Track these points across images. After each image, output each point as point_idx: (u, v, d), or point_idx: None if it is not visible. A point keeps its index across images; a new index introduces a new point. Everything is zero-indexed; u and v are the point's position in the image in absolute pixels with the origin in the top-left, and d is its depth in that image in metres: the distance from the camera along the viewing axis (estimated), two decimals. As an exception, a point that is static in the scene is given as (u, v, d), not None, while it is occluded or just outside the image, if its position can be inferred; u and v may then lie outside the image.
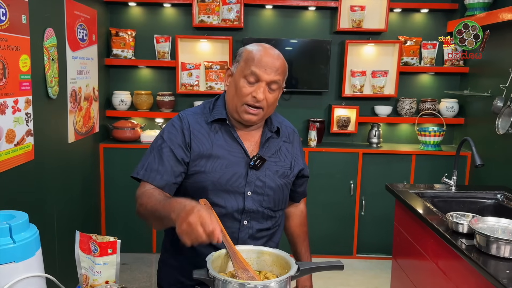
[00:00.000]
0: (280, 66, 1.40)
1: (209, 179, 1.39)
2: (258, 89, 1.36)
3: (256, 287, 1.06)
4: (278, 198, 1.48)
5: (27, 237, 1.12)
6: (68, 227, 2.94)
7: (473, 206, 2.41)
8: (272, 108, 1.44)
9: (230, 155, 1.42)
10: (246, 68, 1.38)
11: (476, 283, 1.68)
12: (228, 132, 1.45)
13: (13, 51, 2.25)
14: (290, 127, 1.60)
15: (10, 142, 2.25)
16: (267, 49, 1.41)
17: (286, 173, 1.50)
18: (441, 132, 3.75)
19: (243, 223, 1.43)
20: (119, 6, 3.84)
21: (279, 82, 1.40)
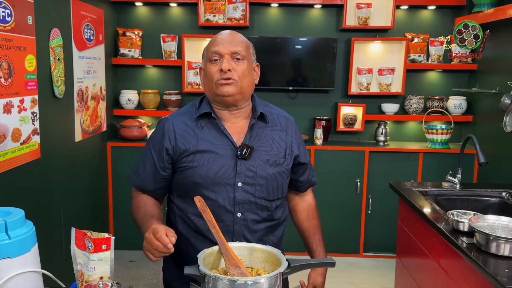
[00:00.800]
0: (237, 39, 1.45)
1: (197, 173, 1.42)
2: (222, 62, 1.40)
3: (246, 283, 1.06)
4: (271, 187, 1.48)
5: (23, 233, 1.14)
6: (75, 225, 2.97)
7: (477, 204, 2.39)
8: (247, 81, 1.45)
9: (217, 148, 1.44)
10: (208, 53, 1.45)
11: (476, 282, 1.67)
12: (215, 126, 1.47)
13: (19, 51, 2.29)
14: (283, 115, 1.59)
15: (16, 141, 2.29)
16: (223, 32, 1.48)
17: (279, 161, 1.49)
18: (449, 130, 3.71)
19: (236, 215, 1.44)
20: (126, 6, 3.88)
21: (241, 52, 1.43)
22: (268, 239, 1.52)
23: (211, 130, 1.47)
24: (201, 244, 1.42)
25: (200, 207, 1.30)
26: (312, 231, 1.66)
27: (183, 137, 1.45)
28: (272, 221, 1.52)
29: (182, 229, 1.51)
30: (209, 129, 1.47)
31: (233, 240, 1.44)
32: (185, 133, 1.46)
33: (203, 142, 1.45)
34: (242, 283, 1.06)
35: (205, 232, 1.44)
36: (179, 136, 1.46)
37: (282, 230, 1.59)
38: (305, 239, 1.68)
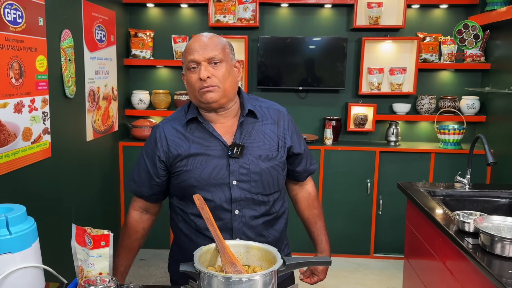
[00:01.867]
0: (210, 43, 1.42)
1: (192, 176, 1.45)
2: (200, 71, 1.40)
3: (240, 281, 1.07)
4: (267, 182, 1.48)
5: (24, 229, 1.17)
6: (86, 223, 3.02)
7: (486, 205, 2.35)
8: (229, 82, 1.44)
9: (208, 150, 1.46)
10: (186, 61, 1.45)
11: (481, 284, 1.64)
12: (204, 129, 1.48)
13: (30, 52, 2.34)
14: (274, 108, 1.58)
15: (26, 140, 2.34)
16: (196, 36, 1.47)
17: (272, 155, 1.50)
18: (461, 130, 3.66)
19: (234, 212, 1.46)
20: (137, 7, 3.93)
21: (217, 56, 1.41)
22: (269, 233, 1.53)
23: (201, 133, 1.48)
24: (203, 241, 1.43)
25: (199, 205, 1.32)
26: (313, 220, 1.67)
27: (174, 143, 1.48)
28: (270, 215, 1.53)
29: (184, 228, 1.54)
30: (199, 132, 1.48)
31: (233, 237, 1.46)
32: (176, 138, 1.48)
33: (195, 145, 1.47)
34: (236, 280, 1.07)
35: (205, 230, 1.46)
36: (171, 142, 1.48)
37: (283, 223, 1.60)
38: (307, 229, 1.69)
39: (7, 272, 1.12)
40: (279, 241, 1.59)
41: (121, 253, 1.57)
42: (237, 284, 1.07)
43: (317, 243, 1.65)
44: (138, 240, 1.60)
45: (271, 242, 1.49)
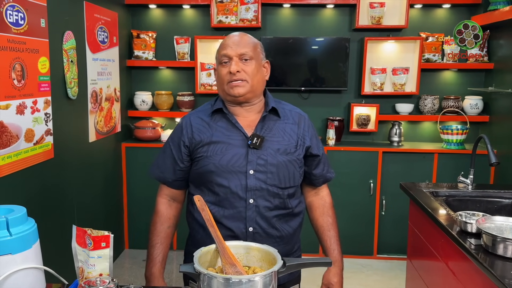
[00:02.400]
0: (243, 41, 1.54)
1: (211, 162, 1.52)
2: (231, 65, 1.50)
3: (240, 282, 1.07)
4: (283, 175, 1.53)
5: (24, 230, 1.17)
6: (89, 224, 3.02)
7: (490, 206, 2.34)
8: (257, 79, 1.54)
9: (229, 139, 1.54)
10: (219, 56, 1.55)
11: (483, 284, 1.63)
12: (228, 120, 1.57)
13: (32, 53, 2.34)
14: (296, 111, 1.66)
15: (29, 141, 2.35)
16: (231, 34, 1.58)
17: (289, 150, 1.56)
18: (465, 130, 3.65)
19: (249, 201, 1.51)
20: (140, 8, 3.93)
21: (248, 53, 1.51)
22: (283, 228, 1.56)
23: (224, 123, 1.57)
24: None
25: (199, 206, 1.33)
26: (326, 228, 1.68)
27: (198, 130, 1.57)
28: (285, 210, 1.56)
29: (200, 219, 1.57)
30: (223, 122, 1.57)
31: (247, 226, 1.51)
32: (200, 126, 1.57)
33: (217, 133, 1.55)
34: (236, 281, 1.07)
35: (220, 218, 1.52)
36: (195, 129, 1.57)
37: (298, 222, 1.63)
38: (319, 236, 1.69)
39: (7, 273, 1.12)
40: (292, 240, 1.61)
41: (157, 242, 1.60)
42: (237, 285, 1.07)
43: (330, 252, 1.66)
44: (171, 227, 1.64)
45: (284, 237, 1.55)
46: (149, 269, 1.58)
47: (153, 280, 1.56)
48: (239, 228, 1.51)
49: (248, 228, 1.51)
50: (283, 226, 1.57)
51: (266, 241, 1.49)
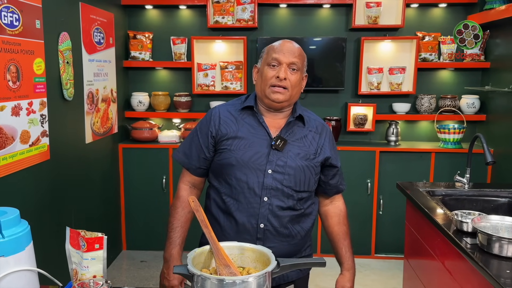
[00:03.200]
0: (297, 51, 1.58)
1: (233, 156, 1.57)
2: (280, 70, 1.54)
3: (234, 283, 1.07)
4: (299, 178, 1.58)
5: (17, 233, 1.17)
6: (87, 226, 3.03)
7: (486, 205, 2.34)
8: (296, 90, 1.59)
9: (254, 137, 1.59)
10: (268, 57, 1.59)
11: (479, 283, 1.63)
12: (255, 118, 1.62)
13: (27, 55, 2.34)
14: (320, 121, 1.70)
15: (25, 143, 2.34)
16: (286, 40, 1.63)
17: (309, 156, 1.60)
18: (462, 129, 3.65)
19: (263, 199, 1.55)
20: (136, 9, 3.93)
21: (297, 64, 1.56)
22: (294, 228, 1.60)
23: (251, 121, 1.62)
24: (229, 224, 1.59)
25: (193, 207, 1.33)
26: (342, 236, 1.71)
27: (226, 123, 1.62)
28: (297, 211, 1.60)
29: (215, 212, 1.64)
30: (250, 120, 1.62)
31: (258, 222, 1.54)
32: (228, 119, 1.63)
33: (243, 129, 1.60)
34: (230, 283, 1.06)
35: (233, 211, 1.57)
36: (223, 122, 1.62)
37: (310, 223, 1.66)
38: (334, 244, 1.73)
39: (2, 275, 1.11)
40: (303, 240, 1.65)
41: (176, 227, 1.64)
42: (231, 286, 1.06)
43: (344, 260, 1.69)
44: (191, 212, 1.65)
45: (294, 237, 1.59)
46: (169, 251, 1.62)
47: (172, 261, 1.61)
48: (250, 223, 1.55)
49: (260, 225, 1.55)
50: (294, 226, 1.61)
51: (275, 238, 1.56)
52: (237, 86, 3.87)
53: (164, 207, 3.77)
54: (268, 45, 1.65)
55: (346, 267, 1.69)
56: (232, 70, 3.86)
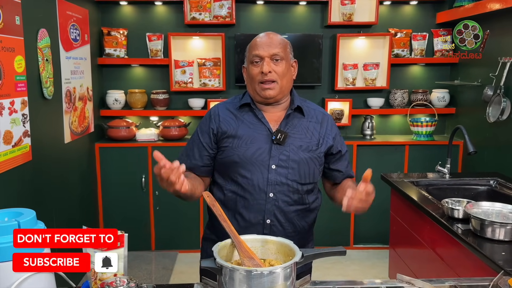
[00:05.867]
0: (275, 41, 1.57)
1: (235, 153, 1.57)
2: (263, 65, 1.54)
3: (262, 274, 1.09)
4: (304, 171, 1.57)
5: (36, 233, 1.14)
6: (67, 225, 2.94)
7: (467, 193, 2.46)
8: (286, 79, 1.59)
9: (254, 133, 1.58)
10: (250, 55, 1.59)
11: (473, 266, 1.73)
12: (254, 114, 1.62)
13: (8, 52, 2.25)
14: (320, 110, 1.70)
15: (7, 143, 2.26)
16: (263, 34, 1.61)
17: (311, 147, 1.59)
18: (433, 122, 3.81)
19: (269, 195, 1.55)
20: (110, 5, 3.84)
21: (279, 54, 1.55)
22: (299, 223, 1.61)
23: (250, 117, 1.62)
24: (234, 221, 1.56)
25: (209, 202, 1.34)
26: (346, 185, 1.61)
27: (226, 120, 1.62)
28: (303, 205, 1.61)
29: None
30: (249, 116, 1.62)
31: (265, 218, 1.55)
32: (227, 117, 1.63)
33: (243, 126, 1.60)
34: (258, 274, 1.08)
35: (239, 208, 1.57)
36: (223, 119, 1.62)
37: (313, 217, 1.68)
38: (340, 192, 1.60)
39: (23, 278, 1.09)
40: (307, 235, 1.67)
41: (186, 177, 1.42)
42: (259, 278, 1.08)
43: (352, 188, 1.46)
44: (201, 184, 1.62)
45: (299, 232, 1.60)
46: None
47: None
48: (256, 219, 1.56)
49: (266, 220, 1.56)
50: (299, 221, 1.61)
51: (281, 234, 1.52)
52: (216, 83, 3.87)
53: (145, 206, 3.72)
54: (246, 42, 1.65)
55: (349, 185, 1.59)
56: (210, 67, 3.85)
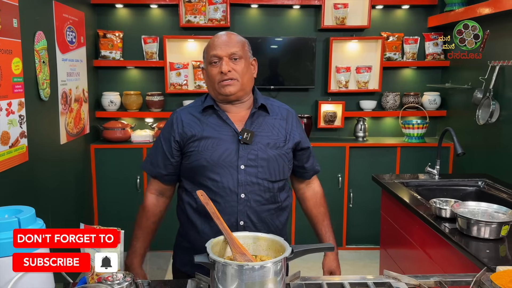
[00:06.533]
0: (232, 40, 1.58)
1: (203, 157, 1.56)
2: (222, 65, 1.55)
3: (253, 268, 1.13)
4: (273, 168, 1.58)
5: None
6: (64, 226, 2.97)
7: (456, 193, 2.52)
8: (247, 77, 1.59)
9: (220, 135, 1.58)
10: (208, 56, 1.59)
11: (460, 264, 1.78)
12: (218, 116, 1.61)
13: (6, 54, 2.29)
14: (284, 107, 1.71)
15: (5, 144, 2.29)
16: (219, 34, 1.61)
17: (279, 144, 1.61)
18: (424, 125, 3.87)
19: (240, 196, 1.55)
20: (106, 8, 3.88)
21: (237, 53, 1.56)
22: (273, 223, 1.62)
23: (215, 120, 1.61)
24: (206, 227, 1.57)
25: (203, 200, 1.37)
26: (320, 218, 1.75)
27: (189, 125, 1.60)
28: (275, 204, 1.62)
29: (190, 215, 1.62)
30: (213, 118, 1.61)
31: (238, 220, 1.55)
32: (191, 122, 1.61)
33: (208, 129, 1.59)
34: (249, 268, 1.12)
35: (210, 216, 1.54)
36: (186, 124, 1.61)
37: (286, 216, 1.68)
38: (314, 226, 1.76)
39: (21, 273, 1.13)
40: (280, 234, 1.63)
41: (140, 236, 1.66)
42: (250, 272, 1.13)
43: (325, 240, 1.73)
44: (156, 223, 1.69)
45: (273, 231, 1.56)
46: (131, 259, 1.64)
47: (133, 270, 1.62)
48: (229, 221, 1.53)
49: (239, 222, 1.56)
50: (273, 220, 1.61)
51: None
52: (210, 85, 3.91)
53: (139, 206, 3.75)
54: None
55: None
56: (205, 69, 3.89)
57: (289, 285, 1.33)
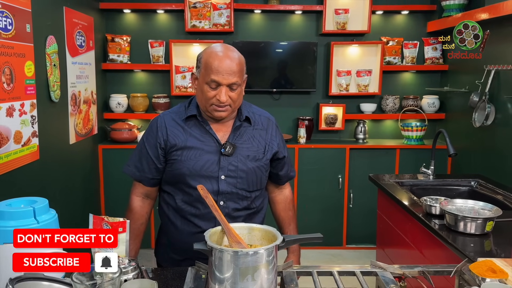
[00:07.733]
0: (236, 68, 1.54)
1: (185, 166, 1.60)
2: (220, 93, 1.54)
3: (247, 254, 1.23)
4: (251, 180, 1.66)
5: (48, 219, 1.30)
6: (70, 224, 3.09)
7: (449, 193, 2.61)
8: (239, 101, 1.62)
9: (203, 145, 1.62)
10: (207, 76, 1.55)
11: (448, 259, 1.87)
12: (201, 126, 1.64)
13: (19, 58, 2.42)
14: (264, 116, 1.74)
15: (17, 143, 2.42)
16: (223, 56, 1.54)
17: (258, 156, 1.66)
18: (423, 127, 3.96)
19: (219, 203, 1.62)
20: (114, 13, 4.01)
21: (237, 82, 1.56)
22: None
23: (198, 129, 1.64)
24: (186, 227, 1.64)
25: (203, 194, 1.47)
26: (287, 221, 1.84)
27: (173, 133, 1.63)
28: (251, 209, 1.71)
29: (172, 216, 1.70)
30: (197, 128, 1.64)
31: (216, 225, 1.57)
32: (175, 129, 1.64)
33: (191, 139, 1.62)
34: (244, 254, 1.23)
35: (191, 217, 1.64)
36: (170, 132, 1.63)
37: (261, 217, 1.77)
38: (280, 228, 1.85)
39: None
40: None
41: (130, 239, 1.66)
42: (245, 257, 1.23)
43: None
44: (143, 224, 1.74)
45: None
46: None
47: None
48: (208, 226, 1.50)
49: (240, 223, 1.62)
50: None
51: None
52: (214, 88, 4.03)
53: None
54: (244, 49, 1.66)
55: (291, 250, 1.78)
56: (209, 73, 4.00)
57: (282, 272, 1.43)
